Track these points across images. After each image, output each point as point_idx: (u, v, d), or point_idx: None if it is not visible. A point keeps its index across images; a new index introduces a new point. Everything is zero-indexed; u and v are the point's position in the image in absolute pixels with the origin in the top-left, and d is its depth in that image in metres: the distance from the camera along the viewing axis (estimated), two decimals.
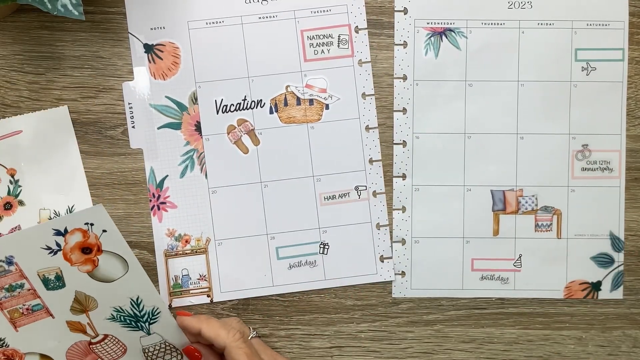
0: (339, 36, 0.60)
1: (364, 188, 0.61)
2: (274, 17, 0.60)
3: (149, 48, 0.59)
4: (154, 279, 0.60)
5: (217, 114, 0.60)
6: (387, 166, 0.61)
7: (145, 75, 0.59)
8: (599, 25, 0.60)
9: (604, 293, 0.61)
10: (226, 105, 0.60)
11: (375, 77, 0.60)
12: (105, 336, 0.55)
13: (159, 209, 0.60)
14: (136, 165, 0.60)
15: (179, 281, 0.60)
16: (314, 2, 0.60)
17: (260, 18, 0.60)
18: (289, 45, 0.60)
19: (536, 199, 0.61)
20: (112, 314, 0.55)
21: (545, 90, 0.60)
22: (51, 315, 0.54)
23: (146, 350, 0.56)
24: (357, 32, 0.60)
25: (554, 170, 0.61)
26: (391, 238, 0.61)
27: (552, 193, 0.61)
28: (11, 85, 0.59)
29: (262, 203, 0.60)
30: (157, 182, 0.60)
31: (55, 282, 0.52)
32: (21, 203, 0.59)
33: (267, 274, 0.60)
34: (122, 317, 0.55)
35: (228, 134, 0.60)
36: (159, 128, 0.60)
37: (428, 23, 0.60)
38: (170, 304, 0.60)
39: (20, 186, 0.59)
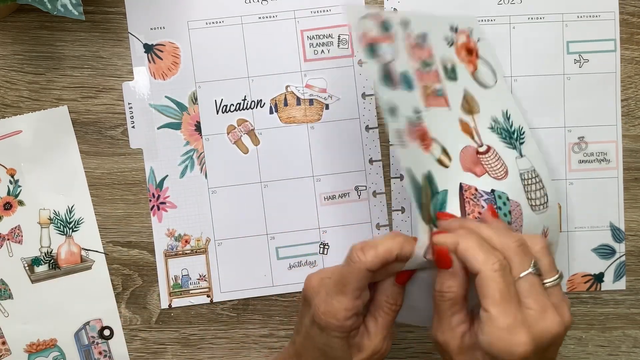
0: (339, 36, 0.60)
1: (364, 188, 0.61)
2: (274, 17, 0.60)
3: (148, 48, 0.59)
4: (154, 279, 0.60)
5: (217, 114, 0.60)
6: (387, 166, 0.61)
7: (145, 75, 0.59)
8: (589, 16, 0.60)
9: (607, 284, 0.61)
10: (226, 105, 0.60)
11: None
12: (489, 148, 0.53)
13: (158, 209, 0.60)
14: (136, 165, 0.60)
15: (179, 281, 0.60)
16: (314, 2, 0.60)
17: (260, 18, 0.60)
18: (289, 45, 0.60)
19: None
20: (490, 124, 0.53)
21: (538, 84, 0.60)
22: (448, 105, 0.52)
23: (522, 176, 0.53)
24: None
25: (551, 164, 0.61)
26: None
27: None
28: (11, 85, 0.59)
29: (262, 203, 0.60)
30: (157, 182, 0.60)
31: (451, 74, 0.53)
32: (21, 203, 0.59)
33: (267, 274, 0.60)
34: (498, 129, 0.53)
35: (228, 134, 0.60)
36: (158, 128, 0.60)
37: None
38: (170, 304, 0.60)
39: (20, 186, 0.59)
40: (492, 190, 0.50)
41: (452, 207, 0.49)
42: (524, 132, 0.54)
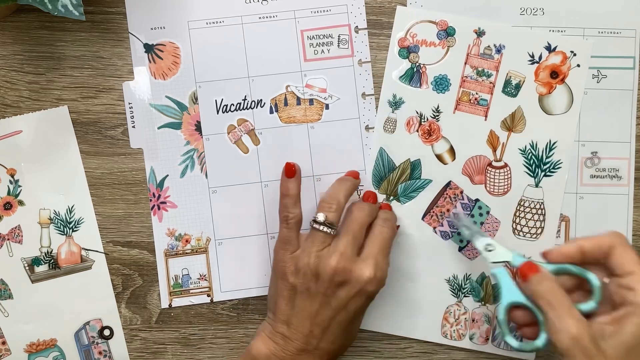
0: (339, 36, 0.60)
1: (364, 187, 0.61)
2: (274, 17, 0.60)
3: (149, 48, 0.59)
4: (154, 279, 0.60)
5: (217, 113, 0.60)
6: None
7: (145, 75, 0.59)
8: (611, 33, 0.59)
9: None
10: (226, 105, 0.60)
11: (375, 77, 0.60)
12: (505, 165, 0.54)
13: (159, 208, 0.60)
14: (136, 165, 0.60)
15: (179, 281, 0.60)
16: (314, 2, 0.60)
17: (260, 18, 0.60)
18: (289, 45, 0.60)
19: None
20: (524, 146, 0.54)
21: None
22: (485, 116, 0.54)
23: (522, 202, 0.54)
24: (357, 32, 0.60)
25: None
26: None
27: None
28: (11, 85, 0.59)
29: (262, 203, 0.60)
30: (157, 181, 0.60)
31: (512, 90, 0.53)
32: (21, 203, 0.59)
33: (267, 273, 0.60)
34: (529, 154, 0.54)
35: (228, 133, 0.60)
36: (159, 128, 0.60)
37: None
38: (170, 304, 0.60)
39: (20, 186, 0.59)
40: (476, 200, 0.55)
41: (428, 193, 0.57)
42: (559, 167, 0.54)
